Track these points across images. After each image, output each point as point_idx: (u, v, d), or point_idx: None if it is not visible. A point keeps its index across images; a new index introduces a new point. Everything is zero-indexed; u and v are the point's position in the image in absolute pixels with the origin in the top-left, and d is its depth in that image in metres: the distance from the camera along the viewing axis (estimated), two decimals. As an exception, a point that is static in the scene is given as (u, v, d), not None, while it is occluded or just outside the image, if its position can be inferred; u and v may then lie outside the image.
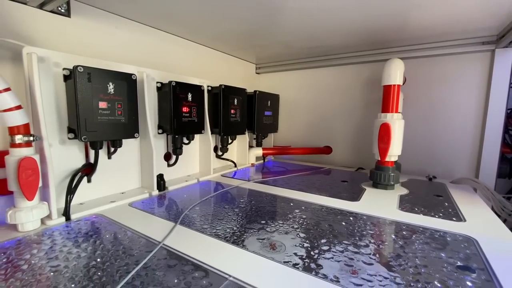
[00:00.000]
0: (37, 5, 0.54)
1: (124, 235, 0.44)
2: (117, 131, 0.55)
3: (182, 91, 0.70)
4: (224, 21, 0.73)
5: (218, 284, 0.32)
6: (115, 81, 0.54)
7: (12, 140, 0.42)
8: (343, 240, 0.44)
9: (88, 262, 0.36)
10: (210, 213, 0.55)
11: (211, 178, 0.85)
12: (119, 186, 0.65)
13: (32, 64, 0.46)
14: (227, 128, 0.86)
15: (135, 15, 0.70)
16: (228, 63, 1.11)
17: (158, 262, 0.36)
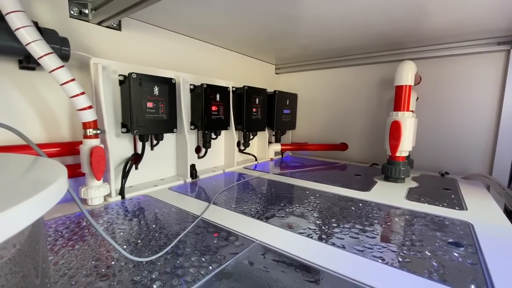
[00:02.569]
0: (96, 22, 0.66)
1: (169, 210, 0.54)
2: (160, 126, 0.66)
3: (211, 92, 0.80)
4: (248, 28, 0.82)
5: (248, 245, 0.41)
6: (159, 85, 0.64)
7: (85, 133, 0.54)
8: (351, 220, 0.51)
9: (146, 227, 0.47)
10: (236, 197, 0.64)
11: (235, 169, 0.94)
12: (159, 173, 0.76)
13: (97, 72, 0.57)
14: (249, 125, 0.95)
15: (172, 26, 0.81)
16: (250, 64, 1.20)
17: (199, 229, 0.46)
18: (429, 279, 0.33)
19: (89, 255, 0.37)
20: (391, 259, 0.37)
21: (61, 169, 0.16)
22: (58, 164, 0.18)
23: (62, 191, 0.14)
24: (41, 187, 0.13)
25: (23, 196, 0.12)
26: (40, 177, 0.15)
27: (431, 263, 0.37)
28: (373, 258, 0.38)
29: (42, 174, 0.15)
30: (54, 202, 0.13)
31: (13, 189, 0.13)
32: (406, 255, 0.39)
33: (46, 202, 0.13)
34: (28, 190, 0.13)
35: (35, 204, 0.12)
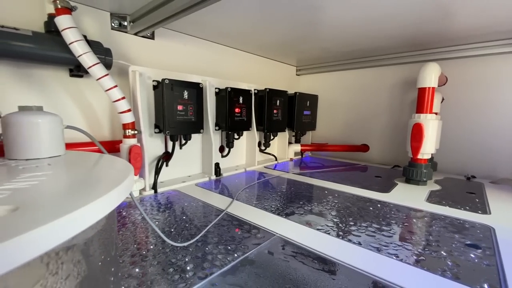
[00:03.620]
0: (134, 33, 0.73)
1: (197, 204, 0.60)
2: (189, 127, 0.72)
3: (235, 95, 0.84)
4: (271, 33, 0.85)
5: (268, 237, 0.44)
6: (188, 89, 0.70)
7: (125, 133, 0.61)
8: (368, 219, 0.53)
9: (178, 218, 0.52)
10: (257, 194, 0.68)
11: (256, 168, 0.98)
12: (187, 171, 0.82)
13: (135, 78, 0.64)
14: (270, 126, 0.99)
15: (199, 33, 0.86)
16: (272, 67, 1.24)
17: (224, 222, 0.50)
18: (441, 276, 0.35)
19: (131, 239, 0.43)
20: (405, 256, 0.39)
21: (130, 167, 0.20)
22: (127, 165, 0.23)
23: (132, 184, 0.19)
24: (121, 179, 0.18)
25: (112, 186, 0.16)
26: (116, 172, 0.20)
27: (446, 262, 0.38)
28: (388, 254, 0.40)
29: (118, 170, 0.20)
30: (129, 192, 0.18)
31: (104, 180, 0.18)
32: (420, 253, 0.40)
33: (124, 191, 0.17)
34: (113, 181, 0.17)
35: (119, 192, 0.16)
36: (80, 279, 0.17)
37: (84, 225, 0.12)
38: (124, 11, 0.69)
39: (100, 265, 0.19)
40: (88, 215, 0.13)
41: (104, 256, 0.19)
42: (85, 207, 0.12)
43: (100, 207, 0.14)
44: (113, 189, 0.16)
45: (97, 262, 0.19)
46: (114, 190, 0.16)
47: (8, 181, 0.16)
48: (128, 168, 0.20)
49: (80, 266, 0.17)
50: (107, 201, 0.15)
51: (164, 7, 0.58)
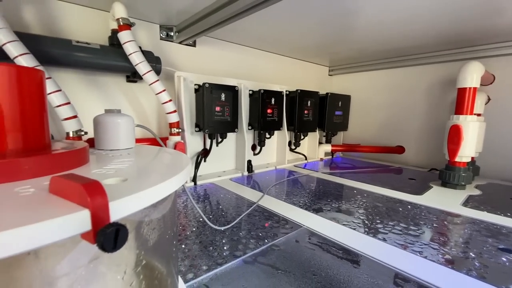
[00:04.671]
0: (178, 41, 0.81)
1: (231, 196, 0.66)
2: (225, 126, 0.78)
3: (267, 97, 0.89)
4: (304, 36, 0.88)
5: (296, 228, 0.48)
6: (225, 92, 0.76)
7: (171, 131, 0.69)
8: (396, 219, 0.54)
9: (215, 207, 0.58)
10: (287, 191, 0.72)
11: (285, 167, 1.02)
12: (222, 166, 0.89)
13: (180, 83, 0.72)
14: (300, 126, 1.02)
15: (236, 39, 0.93)
16: (304, 68, 1.26)
17: (256, 213, 0.56)
18: (466, 274, 0.36)
19: (177, 222, 0.50)
20: (430, 254, 0.40)
21: (187, 159, 0.26)
22: (184, 155, 0.29)
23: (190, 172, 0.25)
24: (185, 165, 0.23)
25: (180, 168, 0.22)
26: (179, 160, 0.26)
27: (473, 263, 0.39)
28: (412, 251, 0.41)
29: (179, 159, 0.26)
30: (189, 176, 0.24)
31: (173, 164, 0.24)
32: (447, 252, 0.41)
33: (187, 174, 0.23)
34: (180, 166, 0.23)
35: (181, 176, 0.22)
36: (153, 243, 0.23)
37: (168, 192, 0.18)
38: (171, 23, 0.77)
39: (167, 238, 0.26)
40: (169, 186, 0.18)
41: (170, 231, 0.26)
42: (168, 180, 0.18)
43: (175, 182, 0.20)
44: (182, 171, 0.21)
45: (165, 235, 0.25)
46: (183, 171, 0.22)
47: (109, 164, 0.23)
48: (187, 158, 0.26)
49: (155, 234, 0.23)
50: (179, 178, 0.21)
51: (207, 19, 0.65)
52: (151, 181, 0.17)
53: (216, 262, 0.37)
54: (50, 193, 0.14)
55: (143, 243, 0.23)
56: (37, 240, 0.11)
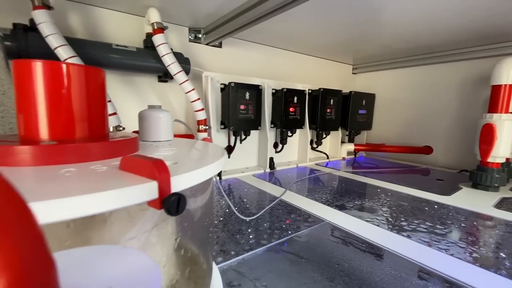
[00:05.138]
0: (206, 43, 0.85)
1: (255, 191, 0.68)
2: (249, 124, 0.81)
3: (290, 95, 0.91)
4: (328, 35, 0.89)
5: (318, 222, 0.50)
6: (249, 91, 0.79)
7: (198, 128, 0.73)
8: (422, 218, 0.53)
9: (240, 200, 0.61)
10: (309, 187, 0.73)
11: (307, 165, 1.03)
12: (245, 163, 0.92)
13: (207, 82, 0.76)
14: (322, 124, 1.02)
15: (260, 40, 0.95)
16: (326, 67, 1.26)
17: (279, 207, 0.58)
18: (495, 272, 0.35)
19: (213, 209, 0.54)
20: (457, 252, 0.40)
21: (223, 149, 0.29)
22: (219, 146, 0.32)
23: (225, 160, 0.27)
24: (221, 154, 0.26)
25: (218, 156, 0.25)
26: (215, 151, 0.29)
27: (503, 262, 0.38)
28: (438, 248, 0.41)
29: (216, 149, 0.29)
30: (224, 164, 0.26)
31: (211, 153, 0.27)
32: (474, 251, 0.41)
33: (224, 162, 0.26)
34: (217, 155, 0.26)
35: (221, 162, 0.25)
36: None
37: (212, 173, 0.21)
38: (199, 26, 0.81)
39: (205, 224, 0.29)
40: (213, 168, 0.21)
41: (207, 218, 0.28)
42: (212, 164, 0.21)
43: (217, 166, 0.23)
44: (221, 157, 0.24)
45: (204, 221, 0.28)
46: (222, 158, 0.24)
47: (156, 151, 0.26)
48: (222, 149, 0.29)
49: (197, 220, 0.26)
50: (220, 163, 0.23)
51: (234, 21, 0.68)
52: (198, 164, 0.20)
53: (243, 248, 0.40)
54: (120, 170, 0.17)
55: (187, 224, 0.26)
56: (118, 202, 0.14)
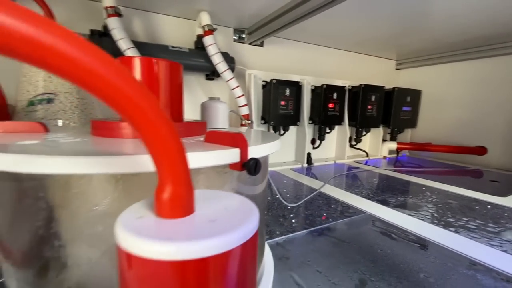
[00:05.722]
0: (248, 42, 0.90)
1: (294, 182, 0.71)
2: (288, 120, 0.84)
3: (329, 92, 0.91)
4: (371, 30, 0.87)
5: (359, 214, 0.51)
6: (289, 87, 0.82)
7: (241, 122, 0.78)
8: (471, 216, 0.51)
9: (280, 190, 0.64)
10: (348, 182, 0.74)
11: (345, 162, 1.02)
12: (283, 157, 0.95)
13: (250, 80, 0.81)
14: (362, 121, 1.01)
15: (300, 37, 0.97)
16: (368, 63, 1.23)
17: (318, 198, 0.60)
18: (555, 272, 0.33)
19: (249, 199, 0.58)
20: (511, 249, 0.39)
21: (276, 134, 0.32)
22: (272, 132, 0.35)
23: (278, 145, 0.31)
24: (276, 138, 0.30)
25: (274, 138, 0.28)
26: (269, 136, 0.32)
27: None
28: (489, 244, 0.40)
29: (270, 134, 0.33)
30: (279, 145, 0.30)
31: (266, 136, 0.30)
32: (533, 251, 0.39)
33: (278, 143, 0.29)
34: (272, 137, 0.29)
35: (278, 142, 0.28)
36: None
37: (274, 149, 0.25)
38: (243, 26, 0.86)
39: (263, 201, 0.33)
40: (274, 146, 0.25)
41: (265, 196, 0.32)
42: (273, 142, 0.25)
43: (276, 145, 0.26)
44: (277, 139, 0.28)
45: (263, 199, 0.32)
46: (278, 140, 0.28)
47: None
48: (275, 134, 0.33)
49: None
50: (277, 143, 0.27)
51: (276, 21, 0.71)
52: (262, 142, 0.24)
53: (287, 230, 0.43)
54: (206, 142, 0.22)
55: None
56: (214, 160, 0.18)
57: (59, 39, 0.08)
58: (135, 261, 0.10)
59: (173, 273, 0.10)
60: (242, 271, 0.12)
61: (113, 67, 0.10)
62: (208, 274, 0.11)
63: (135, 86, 0.10)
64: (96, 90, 0.10)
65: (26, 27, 0.08)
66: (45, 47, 0.08)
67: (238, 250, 0.11)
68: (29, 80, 0.50)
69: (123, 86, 0.10)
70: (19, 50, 0.08)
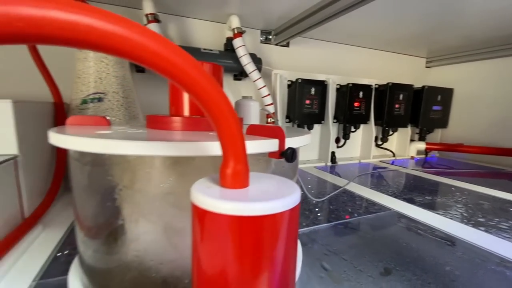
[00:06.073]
0: (275, 43, 0.93)
1: (318, 179, 0.73)
2: (313, 118, 0.86)
3: (355, 90, 0.91)
4: (401, 28, 0.86)
5: (384, 210, 0.52)
6: (315, 86, 0.84)
7: (267, 121, 0.81)
8: (505, 217, 0.50)
9: (305, 186, 0.66)
10: (373, 181, 0.74)
11: (370, 161, 1.01)
12: (306, 156, 0.97)
13: (276, 80, 0.84)
14: (389, 120, 0.99)
15: (326, 37, 0.98)
16: (396, 61, 1.20)
17: (343, 194, 0.61)
18: None
19: (275, 193, 0.61)
20: (546, 251, 0.38)
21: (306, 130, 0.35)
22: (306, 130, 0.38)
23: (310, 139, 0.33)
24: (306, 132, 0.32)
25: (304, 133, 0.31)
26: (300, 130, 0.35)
27: None
28: (522, 245, 0.39)
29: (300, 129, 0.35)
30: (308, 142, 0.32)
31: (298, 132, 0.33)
32: None
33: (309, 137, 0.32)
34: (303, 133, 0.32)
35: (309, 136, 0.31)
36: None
37: (306, 142, 0.27)
38: (270, 28, 0.89)
39: None
40: (306, 139, 0.27)
41: None
42: (305, 136, 0.27)
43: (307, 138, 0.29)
44: (308, 133, 0.30)
45: None
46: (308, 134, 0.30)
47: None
48: (305, 129, 0.35)
49: None
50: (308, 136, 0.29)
51: (303, 22, 0.73)
52: (297, 134, 0.27)
53: (313, 222, 0.46)
54: (247, 134, 0.25)
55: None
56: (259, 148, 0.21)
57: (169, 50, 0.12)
58: (207, 215, 0.14)
59: (233, 226, 0.13)
60: (287, 233, 0.15)
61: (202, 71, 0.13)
62: (261, 230, 0.14)
63: (216, 85, 0.14)
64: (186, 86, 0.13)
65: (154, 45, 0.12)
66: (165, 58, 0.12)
67: (285, 214, 0.14)
68: (82, 81, 0.57)
69: (208, 86, 0.13)
70: (142, 57, 0.12)
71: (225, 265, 0.14)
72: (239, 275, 0.14)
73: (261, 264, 0.14)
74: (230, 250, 0.13)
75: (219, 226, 0.13)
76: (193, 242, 0.15)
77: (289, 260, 0.15)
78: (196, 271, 0.15)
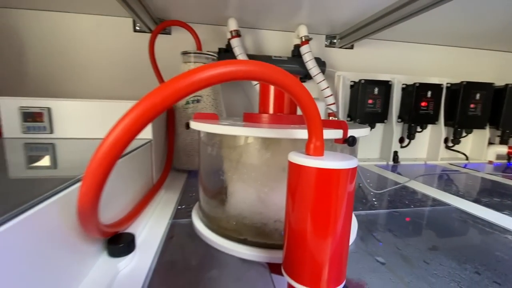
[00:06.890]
0: (339, 47, 0.98)
1: (378, 176, 0.77)
2: (375, 117, 0.89)
3: (422, 90, 0.90)
4: (479, 21, 0.81)
5: (443, 205, 0.54)
6: (378, 86, 0.87)
7: (329, 119, 0.88)
8: None
9: (365, 181, 0.72)
10: (438, 181, 0.74)
11: (437, 163, 0.98)
12: (367, 154, 1.00)
13: (339, 81, 0.90)
14: (462, 121, 0.94)
15: (391, 37, 0.99)
16: (473, 57, 1.10)
17: (403, 190, 0.64)
18: None
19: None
20: None
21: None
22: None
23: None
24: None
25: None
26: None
27: None
28: None
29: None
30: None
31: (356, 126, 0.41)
32: None
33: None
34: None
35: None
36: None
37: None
38: (335, 32, 0.96)
39: None
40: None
41: None
42: (363, 128, 0.36)
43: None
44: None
45: None
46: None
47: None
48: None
49: None
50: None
51: (369, 26, 0.78)
52: (356, 128, 0.35)
53: (369, 207, 0.52)
54: (319, 127, 0.35)
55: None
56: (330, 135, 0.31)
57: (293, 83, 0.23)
58: (302, 169, 0.24)
59: (316, 175, 0.24)
60: (348, 185, 0.24)
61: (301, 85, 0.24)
62: (332, 179, 0.23)
63: (308, 93, 0.24)
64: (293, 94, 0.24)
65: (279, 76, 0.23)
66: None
67: (347, 171, 0.24)
68: (185, 87, 0.75)
69: (304, 94, 0.24)
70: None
71: (309, 205, 0.24)
72: (318, 212, 0.24)
73: (331, 203, 0.24)
74: (313, 192, 0.24)
75: (308, 175, 0.24)
76: (288, 189, 0.26)
77: (348, 208, 0.25)
78: (289, 210, 0.26)
